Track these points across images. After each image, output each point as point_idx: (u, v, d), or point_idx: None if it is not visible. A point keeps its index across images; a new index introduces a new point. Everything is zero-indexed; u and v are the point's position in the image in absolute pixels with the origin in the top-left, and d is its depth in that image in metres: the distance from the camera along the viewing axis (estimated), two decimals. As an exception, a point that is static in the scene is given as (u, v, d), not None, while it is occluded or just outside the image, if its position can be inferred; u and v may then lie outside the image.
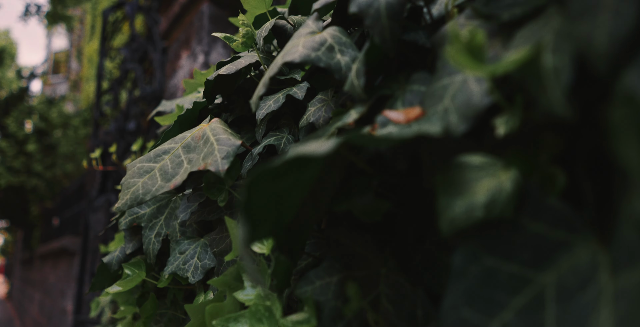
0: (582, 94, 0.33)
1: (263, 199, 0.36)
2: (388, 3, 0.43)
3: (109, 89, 3.70)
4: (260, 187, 0.34)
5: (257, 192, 0.35)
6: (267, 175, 0.34)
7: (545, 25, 0.34)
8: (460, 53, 0.31)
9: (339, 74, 0.50)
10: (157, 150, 0.65)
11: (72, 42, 14.30)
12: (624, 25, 0.25)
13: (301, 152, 0.33)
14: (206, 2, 2.20)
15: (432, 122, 0.37)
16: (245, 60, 0.70)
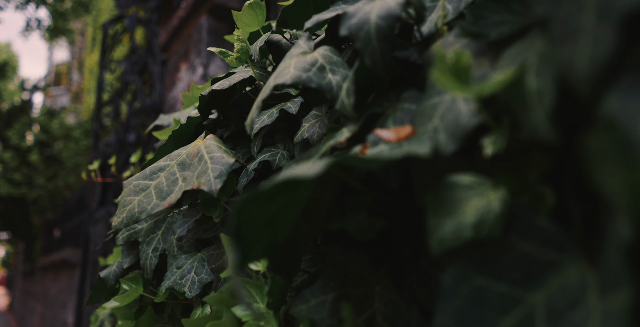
0: (568, 115, 0.33)
1: (254, 222, 0.36)
2: (378, 26, 0.44)
3: (109, 101, 3.71)
4: (250, 211, 0.35)
5: (248, 216, 0.35)
6: (257, 199, 0.35)
7: (530, 46, 0.34)
8: (444, 75, 0.31)
9: (330, 94, 0.51)
10: (153, 167, 0.65)
11: (74, 54, 14.38)
12: (604, 51, 0.26)
13: (290, 176, 0.34)
14: (205, 15, 2.21)
15: (422, 143, 0.37)
16: (239, 76, 0.70)
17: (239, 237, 0.34)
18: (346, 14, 0.47)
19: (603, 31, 0.26)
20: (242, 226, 0.34)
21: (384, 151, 0.42)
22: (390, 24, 0.44)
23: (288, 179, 0.34)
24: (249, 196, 0.33)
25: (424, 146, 0.35)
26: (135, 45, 3.35)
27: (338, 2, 0.58)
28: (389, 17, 0.44)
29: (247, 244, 0.36)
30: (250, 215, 0.35)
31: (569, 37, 0.28)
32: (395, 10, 0.44)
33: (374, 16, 0.45)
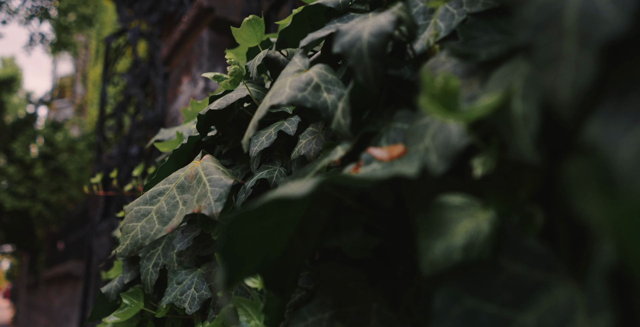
0: (555, 137, 0.33)
1: (244, 240, 0.37)
2: (370, 43, 0.44)
3: (112, 114, 3.73)
4: (240, 229, 0.35)
5: (237, 234, 0.35)
6: (247, 217, 0.35)
7: (516, 69, 0.35)
8: (431, 102, 0.32)
9: (326, 113, 0.51)
10: (153, 191, 0.66)
11: (77, 66, 14.48)
12: (585, 77, 0.26)
13: (280, 195, 0.34)
14: (206, 29, 2.23)
15: (410, 163, 0.38)
16: (236, 95, 0.71)
17: (228, 255, 0.35)
18: (339, 31, 0.47)
19: (584, 58, 0.26)
20: (231, 243, 0.35)
21: (376, 170, 0.43)
22: (382, 42, 0.44)
23: (277, 198, 0.34)
24: (238, 215, 0.33)
25: (412, 167, 0.35)
26: (138, 58, 3.38)
27: (333, 20, 0.59)
28: (380, 35, 0.44)
29: (236, 262, 0.36)
30: (239, 233, 0.35)
31: (552, 63, 0.28)
32: (387, 28, 0.44)
33: (366, 34, 0.45)
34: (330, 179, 0.37)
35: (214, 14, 2.17)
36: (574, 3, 0.27)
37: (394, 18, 0.44)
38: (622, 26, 0.24)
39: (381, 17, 0.46)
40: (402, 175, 0.34)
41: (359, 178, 0.37)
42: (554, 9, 0.29)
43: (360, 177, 0.37)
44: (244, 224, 0.36)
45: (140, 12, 3.38)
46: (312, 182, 0.35)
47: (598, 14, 0.26)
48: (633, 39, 0.26)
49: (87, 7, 8.17)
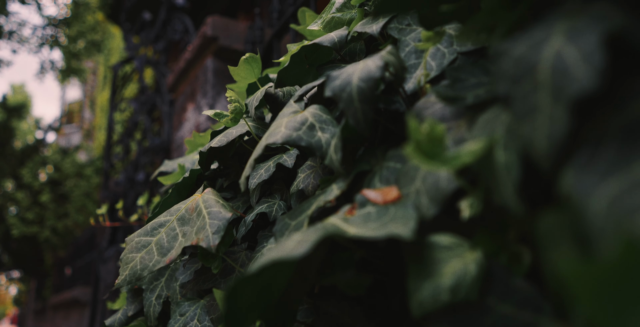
0: (536, 184, 0.34)
1: (245, 300, 0.38)
2: (359, 88, 0.46)
3: (119, 140, 3.77)
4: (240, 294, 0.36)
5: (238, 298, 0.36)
6: (246, 282, 0.36)
7: (499, 116, 0.36)
8: (416, 152, 0.33)
9: (320, 151, 0.53)
10: (154, 223, 0.67)
11: (85, 92, 14.68)
12: (559, 129, 0.27)
13: (278, 257, 0.35)
14: (210, 57, 2.27)
15: (405, 221, 0.38)
16: (236, 131, 0.73)
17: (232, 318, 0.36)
18: (330, 76, 0.49)
19: (557, 111, 0.27)
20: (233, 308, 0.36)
21: (370, 214, 0.44)
22: (371, 86, 0.46)
23: (275, 261, 0.35)
24: (237, 282, 0.35)
25: (406, 227, 0.36)
26: (145, 85, 3.43)
27: (326, 72, 0.61)
28: (369, 80, 0.46)
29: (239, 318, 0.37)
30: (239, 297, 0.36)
31: (529, 115, 0.29)
32: (375, 73, 0.46)
33: (356, 78, 0.47)
34: (328, 235, 0.38)
35: (218, 42, 2.21)
36: (547, 58, 0.29)
37: (382, 63, 0.46)
38: (591, 85, 0.26)
39: (370, 62, 0.47)
40: (397, 236, 0.36)
41: (354, 236, 0.38)
42: (529, 63, 0.30)
43: (357, 235, 0.38)
44: (243, 288, 0.37)
45: (146, 41, 3.44)
46: (310, 241, 0.36)
47: (569, 71, 0.27)
48: (603, 94, 0.27)
49: (95, 34, 8.32)
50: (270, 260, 0.34)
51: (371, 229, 0.40)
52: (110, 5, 6.52)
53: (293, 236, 0.41)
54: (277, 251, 0.37)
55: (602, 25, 0.27)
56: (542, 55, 0.29)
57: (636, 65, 0.27)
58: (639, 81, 0.26)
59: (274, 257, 0.35)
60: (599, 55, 0.26)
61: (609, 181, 0.25)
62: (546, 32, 0.30)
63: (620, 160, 0.25)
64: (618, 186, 0.24)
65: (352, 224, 0.43)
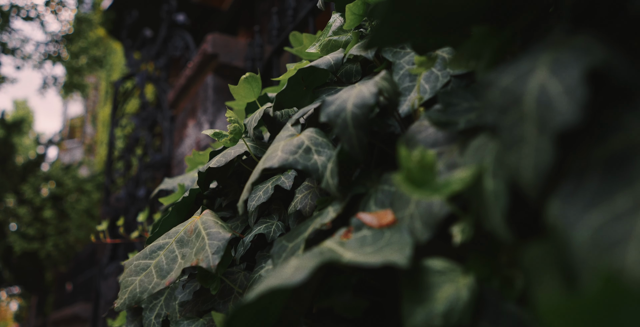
0: (525, 211, 0.35)
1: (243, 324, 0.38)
2: (354, 113, 0.47)
3: (120, 156, 3.79)
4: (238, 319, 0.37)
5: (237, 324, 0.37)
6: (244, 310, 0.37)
7: (488, 143, 0.36)
8: (405, 182, 0.34)
9: (316, 174, 0.53)
10: (153, 246, 0.68)
11: (87, 107, 14.75)
12: (545, 160, 0.28)
13: (275, 285, 0.36)
14: (210, 74, 2.29)
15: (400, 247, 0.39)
16: (235, 151, 0.73)
17: None
18: (325, 101, 0.50)
19: (542, 142, 0.28)
20: None
21: (366, 238, 0.44)
22: (365, 113, 0.47)
23: (273, 289, 0.36)
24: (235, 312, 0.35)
25: (402, 255, 0.37)
26: (146, 101, 3.45)
27: (322, 95, 0.62)
28: (363, 106, 0.47)
29: None
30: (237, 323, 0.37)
31: (515, 145, 0.30)
32: (369, 100, 0.47)
33: (350, 104, 0.48)
34: (324, 262, 0.39)
35: (218, 59, 2.23)
36: (532, 90, 0.29)
37: (376, 90, 0.47)
38: (574, 118, 0.26)
39: (364, 88, 0.48)
40: (392, 264, 0.36)
41: (350, 263, 0.39)
42: (515, 94, 0.31)
43: (352, 261, 0.39)
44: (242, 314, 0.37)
45: (147, 57, 3.47)
46: (308, 268, 0.37)
47: (552, 104, 0.28)
48: (586, 125, 0.28)
49: (98, 49, 8.39)
50: (268, 288, 0.35)
51: (367, 255, 0.40)
52: (112, 22, 6.59)
53: (290, 262, 0.41)
54: (274, 278, 0.38)
55: (585, 60, 0.27)
56: (528, 87, 0.30)
57: (616, 97, 0.28)
58: (618, 114, 0.27)
59: (272, 285, 0.35)
60: (580, 90, 0.26)
61: (592, 212, 0.25)
62: (531, 63, 0.31)
63: (603, 192, 0.25)
64: (601, 218, 0.25)
65: (348, 249, 0.43)
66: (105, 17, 6.61)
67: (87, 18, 7.60)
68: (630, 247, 0.22)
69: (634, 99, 0.27)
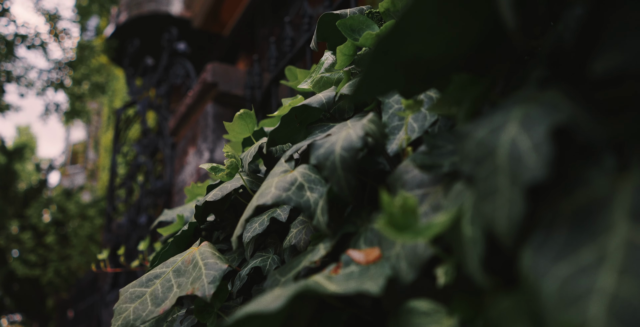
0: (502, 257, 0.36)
1: None
2: (342, 156, 0.48)
3: (121, 183, 3.81)
4: None
5: None
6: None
7: (467, 188, 0.38)
8: (388, 226, 0.35)
9: (308, 212, 0.55)
10: (149, 274, 0.69)
11: (90, 133, 14.85)
12: (517, 211, 0.29)
13: (253, 311, 0.37)
14: (210, 102, 2.32)
15: (377, 278, 0.40)
16: (231, 185, 0.75)
17: None
18: (314, 144, 0.52)
19: (514, 194, 0.30)
20: None
21: (353, 273, 0.45)
22: (352, 155, 0.48)
23: (249, 314, 0.37)
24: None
25: (376, 284, 0.38)
26: (147, 128, 3.48)
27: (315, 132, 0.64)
28: (351, 150, 0.49)
29: None
30: None
31: (490, 195, 0.31)
32: (356, 143, 0.48)
33: (339, 148, 0.49)
34: (303, 290, 0.40)
35: (217, 88, 2.26)
36: (504, 144, 0.31)
37: (362, 133, 0.48)
38: (541, 174, 0.28)
39: (352, 132, 0.50)
40: (365, 292, 0.37)
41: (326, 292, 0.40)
42: (489, 146, 0.32)
43: (331, 292, 0.40)
44: None
45: (149, 85, 3.52)
46: (285, 296, 0.38)
47: (522, 158, 0.29)
48: (555, 178, 0.30)
49: (100, 76, 8.48)
50: (245, 313, 0.36)
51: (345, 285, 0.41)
52: (114, 50, 6.69)
53: (274, 291, 0.43)
54: (255, 304, 0.39)
55: (551, 117, 0.29)
56: (500, 141, 0.31)
57: (583, 152, 0.29)
58: (585, 169, 0.28)
59: (249, 310, 0.36)
60: (546, 147, 0.28)
61: (560, 264, 0.27)
62: (504, 117, 0.33)
63: (570, 244, 0.27)
64: (568, 270, 0.26)
65: (334, 282, 0.44)
66: (108, 45, 6.71)
67: (89, 45, 7.71)
68: (592, 301, 0.23)
69: (598, 154, 0.28)
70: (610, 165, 0.27)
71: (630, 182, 0.26)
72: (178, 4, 6.45)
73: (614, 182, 0.27)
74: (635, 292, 0.22)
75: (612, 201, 0.26)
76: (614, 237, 0.25)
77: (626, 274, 0.23)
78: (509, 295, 0.30)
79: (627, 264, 0.24)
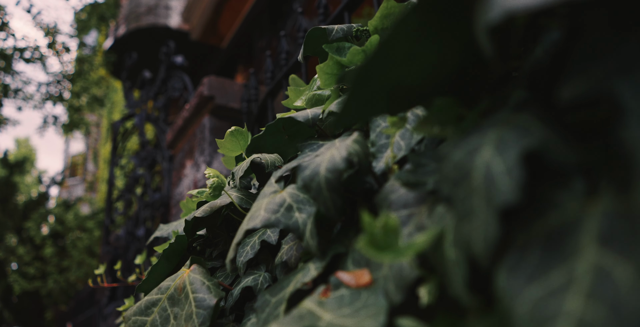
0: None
1: None
2: (327, 178, 0.49)
3: (119, 195, 3.81)
4: None
5: None
6: None
7: (448, 210, 0.39)
8: (369, 246, 0.36)
9: (297, 233, 0.55)
10: (147, 301, 0.69)
11: (89, 145, 14.87)
12: (492, 233, 0.30)
13: None
14: (207, 115, 2.33)
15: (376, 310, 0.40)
16: (221, 201, 0.76)
17: None
18: (300, 166, 0.52)
19: (489, 216, 0.30)
20: None
21: (344, 297, 0.46)
22: (337, 177, 0.49)
23: None
24: None
25: (376, 322, 0.38)
26: (145, 140, 3.49)
27: (305, 150, 0.65)
28: (335, 171, 0.49)
29: None
30: None
31: (467, 216, 0.32)
32: (340, 165, 0.49)
33: (323, 169, 0.50)
34: None
35: (214, 101, 2.27)
36: (480, 167, 0.32)
37: (346, 155, 0.49)
38: (514, 197, 0.28)
39: (336, 153, 0.51)
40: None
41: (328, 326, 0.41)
42: (465, 168, 0.33)
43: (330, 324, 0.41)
44: None
45: (146, 98, 3.53)
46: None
47: (495, 181, 0.30)
48: (528, 201, 0.30)
49: (99, 89, 8.51)
50: None
51: (343, 318, 0.42)
52: (112, 63, 6.72)
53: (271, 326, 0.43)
54: None
55: (522, 142, 0.30)
56: (476, 163, 0.32)
57: (553, 176, 0.30)
58: (553, 192, 0.29)
59: None
60: (518, 171, 0.29)
61: (532, 286, 0.27)
62: (480, 140, 0.33)
63: (542, 267, 0.27)
64: (539, 292, 0.27)
65: (327, 309, 0.45)
66: (106, 59, 6.74)
67: (88, 59, 7.74)
68: (559, 325, 0.24)
69: (568, 178, 0.29)
70: (579, 189, 0.28)
71: (599, 207, 0.27)
72: (176, 16, 6.50)
73: (583, 206, 0.27)
74: (600, 316, 0.23)
75: (581, 225, 0.27)
76: (582, 261, 0.26)
77: (592, 298, 0.24)
78: (488, 315, 0.30)
79: (594, 289, 0.24)
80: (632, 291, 0.22)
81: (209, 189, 0.72)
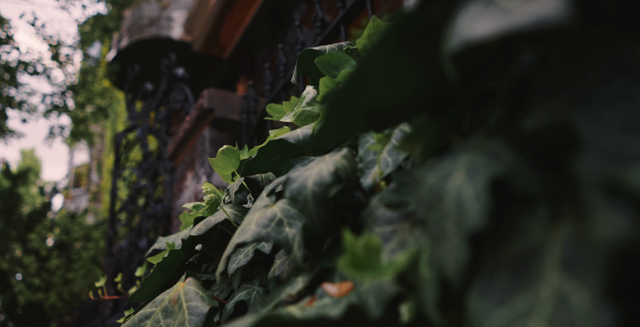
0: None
1: None
2: (313, 192, 0.50)
3: (122, 207, 3.83)
4: None
5: None
6: None
7: (424, 231, 0.39)
8: (349, 265, 0.37)
9: (287, 247, 0.56)
10: (141, 315, 0.70)
11: (93, 155, 14.92)
12: (462, 256, 0.31)
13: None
14: (207, 127, 2.35)
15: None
16: (216, 219, 0.77)
17: None
18: (289, 179, 0.53)
19: (460, 240, 0.31)
20: None
21: (326, 305, 0.47)
22: (323, 190, 0.50)
23: None
24: None
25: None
26: (148, 151, 3.51)
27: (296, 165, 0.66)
28: (322, 185, 0.50)
29: None
30: None
31: (440, 239, 0.33)
32: (327, 179, 0.50)
33: (311, 183, 0.51)
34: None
35: (214, 114, 2.29)
36: (451, 191, 0.33)
37: (333, 169, 0.50)
38: (481, 223, 0.29)
39: (324, 167, 0.52)
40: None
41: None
42: (439, 193, 0.34)
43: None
44: None
45: (148, 110, 3.56)
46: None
47: (464, 206, 0.31)
48: (496, 226, 0.31)
49: (102, 100, 8.56)
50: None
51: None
52: (116, 74, 6.77)
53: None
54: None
55: (491, 168, 0.31)
56: (447, 188, 0.33)
57: (519, 201, 0.31)
58: (519, 217, 0.30)
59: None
60: (485, 198, 0.30)
61: (499, 309, 0.28)
62: (452, 165, 0.34)
63: (509, 290, 0.28)
64: (506, 316, 0.27)
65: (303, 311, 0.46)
66: (110, 70, 6.79)
67: (92, 70, 7.79)
68: (521, 349, 0.25)
69: (534, 203, 0.30)
70: (543, 214, 0.29)
71: (561, 232, 0.27)
72: (178, 28, 6.55)
73: (547, 231, 0.28)
74: (558, 342, 0.24)
75: (545, 250, 0.28)
76: (545, 286, 0.26)
77: (553, 324, 0.25)
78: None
79: (555, 315, 0.25)
80: (586, 319, 0.23)
81: (206, 205, 0.73)
